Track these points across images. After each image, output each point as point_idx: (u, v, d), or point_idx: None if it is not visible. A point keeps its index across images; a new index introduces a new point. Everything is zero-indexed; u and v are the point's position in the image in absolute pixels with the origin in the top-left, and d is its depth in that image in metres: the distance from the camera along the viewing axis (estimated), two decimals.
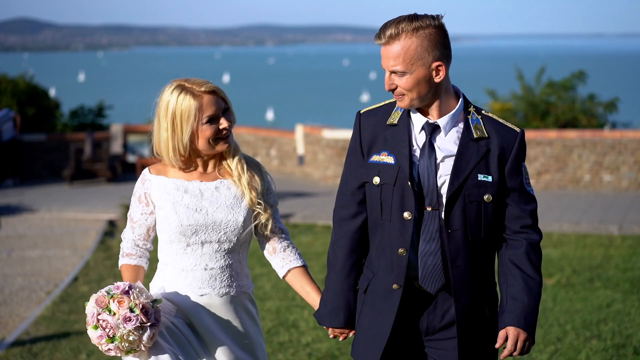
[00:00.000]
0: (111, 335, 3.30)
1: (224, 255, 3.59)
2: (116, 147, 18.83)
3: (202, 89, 3.53)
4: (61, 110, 21.94)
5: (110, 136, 18.90)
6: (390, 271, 3.35)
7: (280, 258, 3.74)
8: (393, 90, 3.32)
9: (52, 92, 36.00)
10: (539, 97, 18.69)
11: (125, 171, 18.65)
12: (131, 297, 3.34)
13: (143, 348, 3.34)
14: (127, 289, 3.36)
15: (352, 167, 3.48)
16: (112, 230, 12.66)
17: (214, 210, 3.56)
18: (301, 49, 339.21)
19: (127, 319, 3.29)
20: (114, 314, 3.31)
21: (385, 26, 3.27)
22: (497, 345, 3.34)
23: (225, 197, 3.59)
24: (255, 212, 3.63)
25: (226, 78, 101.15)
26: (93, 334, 3.33)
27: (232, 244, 3.59)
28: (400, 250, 3.32)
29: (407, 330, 3.40)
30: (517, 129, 3.38)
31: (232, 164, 3.63)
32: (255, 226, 3.67)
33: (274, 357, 6.57)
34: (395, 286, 3.34)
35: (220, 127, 3.56)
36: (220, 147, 3.58)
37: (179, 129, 3.52)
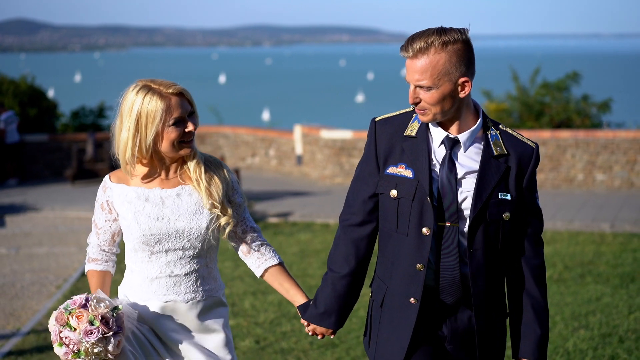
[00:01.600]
0: (76, 351, 3.29)
1: (188, 262, 3.52)
2: None
3: (170, 90, 3.43)
4: (59, 111, 22.15)
5: (112, 136, 19.15)
6: (407, 285, 3.32)
7: (255, 258, 3.66)
8: (416, 104, 3.26)
9: (51, 93, 36.25)
10: (533, 98, 18.94)
11: None
12: (89, 310, 3.30)
13: (111, 357, 3.33)
14: (84, 302, 3.32)
15: (364, 175, 3.42)
16: None
17: (175, 219, 3.48)
18: (298, 50, 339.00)
19: (88, 332, 3.26)
20: (75, 329, 3.28)
21: (413, 39, 3.19)
22: None
23: (186, 204, 3.50)
24: (213, 216, 3.52)
25: (223, 79, 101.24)
26: (59, 351, 3.32)
27: (197, 250, 3.52)
28: (419, 265, 3.28)
29: (430, 339, 3.39)
30: (533, 145, 3.36)
31: (191, 168, 3.53)
32: (223, 229, 3.57)
33: (278, 345, 6.87)
34: (412, 300, 3.31)
35: (187, 130, 3.46)
36: (184, 151, 3.49)
37: (143, 130, 3.42)
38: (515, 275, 3.41)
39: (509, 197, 3.28)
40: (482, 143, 3.31)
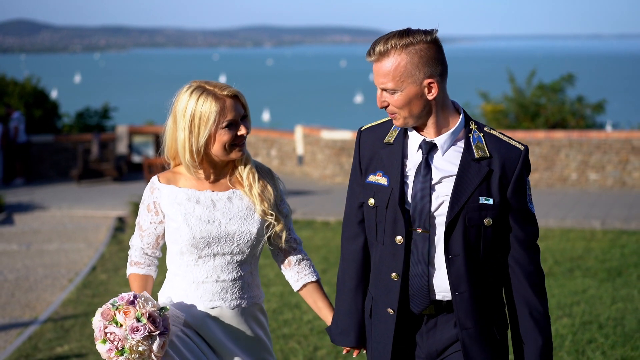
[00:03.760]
0: (120, 348, 3.19)
1: (235, 267, 3.46)
2: (122, 148, 19.49)
3: (225, 92, 3.39)
4: (59, 112, 22.56)
5: (116, 137, 19.56)
6: (386, 295, 3.26)
7: (295, 272, 3.60)
8: (386, 108, 3.19)
9: (54, 94, 36.64)
10: (529, 99, 19.30)
11: (130, 171, 19.34)
12: (137, 307, 3.21)
13: (154, 358, 3.23)
14: (132, 299, 3.24)
15: (353, 186, 3.38)
16: (122, 226, 13.38)
17: (227, 222, 3.42)
18: (299, 50, 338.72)
19: (134, 329, 3.17)
20: (121, 325, 3.19)
21: (376, 43, 3.16)
22: None
23: (238, 208, 3.45)
24: (268, 223, 3.48)
25: (223, 79, 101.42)
26: (102, 349, 3.21)
27: (244, 256, 3.46)
28: (393, 274, 3.21)
29: (412, 356, 3.31)
30: (521, 147, 3.21)
31: (244, 173, 3.48)
32: (269, 237, 3.54)
33: (280, 331, 7.28)
34: (390, 310, 3.24)
35: (239, 133, 3.41)
36: (235, 154, 3.43)
37: (196, 131, 3.36)
38: (511, 284, 3.26)
39: (491, 201, 3.14)
40: (463, 146, 3.20)
